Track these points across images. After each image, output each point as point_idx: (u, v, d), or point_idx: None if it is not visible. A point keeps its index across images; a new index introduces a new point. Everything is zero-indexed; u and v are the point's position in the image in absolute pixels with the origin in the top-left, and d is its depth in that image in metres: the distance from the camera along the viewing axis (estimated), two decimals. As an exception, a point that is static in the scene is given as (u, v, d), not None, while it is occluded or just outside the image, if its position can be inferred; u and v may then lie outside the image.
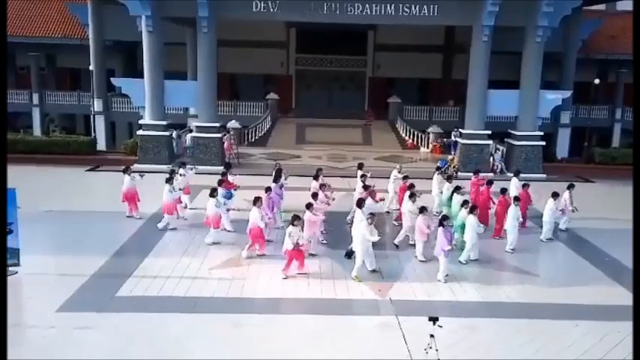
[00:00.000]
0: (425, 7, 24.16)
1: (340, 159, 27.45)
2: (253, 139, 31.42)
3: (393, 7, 24.18)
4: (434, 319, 8.53)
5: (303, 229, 12.85)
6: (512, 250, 14.70)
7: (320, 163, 26.52)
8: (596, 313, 11.41)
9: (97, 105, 32.53)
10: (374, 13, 24.28)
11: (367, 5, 24.06)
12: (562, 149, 33.47)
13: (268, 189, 14.93)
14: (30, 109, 36.04)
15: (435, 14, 24.31)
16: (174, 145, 26.56)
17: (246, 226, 13.66)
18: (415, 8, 24.21)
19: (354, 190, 17.03)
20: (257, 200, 13.59)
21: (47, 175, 22.53)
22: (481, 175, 18.64)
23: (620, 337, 10.30)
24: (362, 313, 11.20)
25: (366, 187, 15.70)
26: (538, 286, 12.73)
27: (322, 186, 15.60)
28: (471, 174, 19.12)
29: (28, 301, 11.31)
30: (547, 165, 26.25)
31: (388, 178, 18.31)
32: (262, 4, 23.92)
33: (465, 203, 14.50)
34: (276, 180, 16.27)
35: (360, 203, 13.76)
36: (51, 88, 37.24)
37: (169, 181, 15.77)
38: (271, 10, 23.97)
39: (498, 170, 25.67)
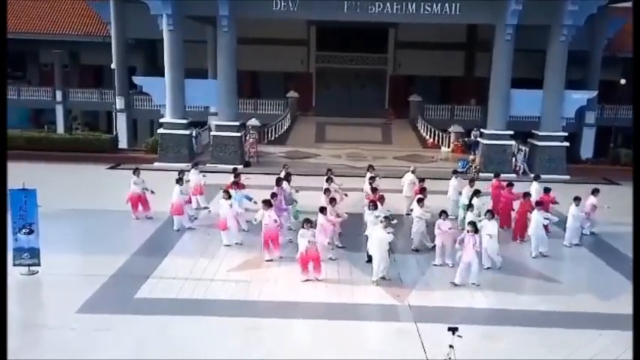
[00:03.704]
0: (447, 5, 23.86)
1: (359, 158, 27.25)
2: (273, 138, 31.42)
3: (414, 6, 23.91)
4: (453, 330, 8.36)
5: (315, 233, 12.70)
6: (535, 255, 14.42)
7: (339, 162, 26.47)
8: (620, 322, 11.06)
9: (119, 103, 32.82)
10: (395, 11, 24.05)
11: (388, 4, 23.84)
12: (587, 149, 32.90)
13: (274, 195, 14.66)
14: (53, 105, 36.52)
15: (457, 13, 23.98)
16: (193, 143, 26.65)
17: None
18: (437, 7, 23.92)
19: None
20: (268, 202, 13.53)
21: (70, 172, 22.82)
22: (502, 177, 18.40)
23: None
24: (380, 318, 11.07)
25: (374, 190, 15.50)
26: (561, 294, 12.45)
27: (327, 191, 15.29)
28: (493, 175, 18.86)
29: (49, 302, 11.42)
30: (571, 166, 25.78)
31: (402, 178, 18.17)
32: (282, 3, 23.84)
33: (469, 207, 14.29)
34: (278, 183, 15.92)
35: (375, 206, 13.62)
36: (74, 85, 37.68)
37: (179, 181, 15.79)
38: (291, 8, 23.88)
39: (521, 171, 25.27)
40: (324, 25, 35.46)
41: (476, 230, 12.39)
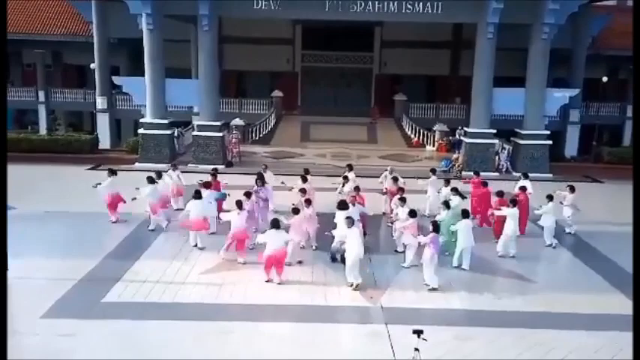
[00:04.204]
0: (428, 4, 23.81)
1: (344, 157, 27.09)
2: (257, 137, 31.25)
3: (396, 5, 23.83)
4: (418, 332, 8.24)
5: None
6: (502, 255, 14.26)
7: (323, 161, 26.39)
8: (594, 322, 11.05)
9: (101, 103, 32.54)
10: (377, 10, 23.95)
11: (370, 3, 23.74)
12: (571, 147, 32.98)
13: (248, 194, 14.54)
14: (36, 106, 36.17)
15: (439, 12, 23.94)
16: (175, 143, 26.42)
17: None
18: (418, 5, 23.86)
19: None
20: (241, 203, 13.39)
21: (48, 174, 22.58)
22: (483, 175, 18.32)
23: (617, 348, 9.97)
24: (351, 321, 10.90)
25: (357, 189, 15.34)
26: (535, 294, 12.34)
27: (302, 191, 15.10)
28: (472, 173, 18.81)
29: (15, 307, 11.12)
30: (555, 164, 25.77)
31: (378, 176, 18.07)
32: (264, 2, 23.67)
33: (445, 204, 14.21)
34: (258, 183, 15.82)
35: (343, 205, 13.43)
36: (57, 85, 37.31)
37: (153, 181, 15.61)
38: (272, 7, 23.71)
39: (504, 170, 25.28)
40: (309, 24, 35.33)
41: (435, 230, 12.26)
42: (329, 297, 11.76)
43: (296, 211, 13.33)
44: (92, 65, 31.30)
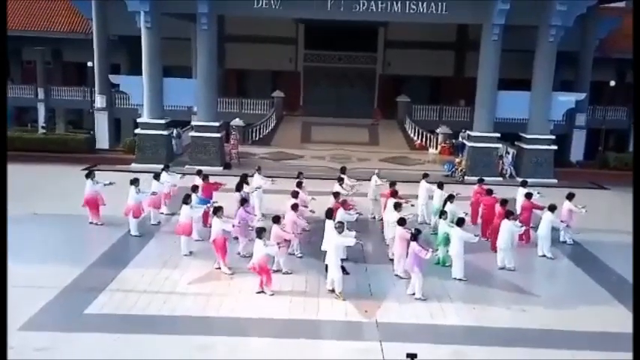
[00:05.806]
0: (433, 4, 23.24)
1: (344, 160, 26.58)
2: (257, 138, 30.77)
3: (399, 5, 23.28)
4: (412, 356, 7.75)
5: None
6: (501, 267, 13.68)
7: (322, 163, 25.90)
8: (595, 341, 10.53)
9: (100, 101, 32.09)
10: (380, 10, 23.40)
11: (373, 3, 23.21)
12: (577, 152, 32.34)
13: (244, 201, 14.18)
14: (35, 103, 35.82)
15: (444, 12, 23.37)
16: (173, 143, 25.96)
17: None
18: (423, 6, 23.30)
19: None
20: (218, 210, 12.96)
21: (42, 174, 22.14)
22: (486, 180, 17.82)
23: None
24: (343, 337, 10.36)
25: (336, 196, 14.76)
26: (537, 310, 11.76)
27: (294, 195, 14.67)
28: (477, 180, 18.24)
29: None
30: (560, 170, 25.17)
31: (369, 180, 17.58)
32: (264, 1, 23.15)
33: (442, 214, 13.67)
34: (239, 188, 15.42)
35: (330, 214, 12.95)
36: (58, 83, 36.94)
37: (135, 182, 15.20)
38: (273, 6, 23.18)
39: (508, 175, 24.70)
40: (312, 23, 34.77)
41: (414, 238, 11.76)
42: (321, 310, 11.27)
43: (276, 219, 12.83)
44: (90, 63, 30.83)
